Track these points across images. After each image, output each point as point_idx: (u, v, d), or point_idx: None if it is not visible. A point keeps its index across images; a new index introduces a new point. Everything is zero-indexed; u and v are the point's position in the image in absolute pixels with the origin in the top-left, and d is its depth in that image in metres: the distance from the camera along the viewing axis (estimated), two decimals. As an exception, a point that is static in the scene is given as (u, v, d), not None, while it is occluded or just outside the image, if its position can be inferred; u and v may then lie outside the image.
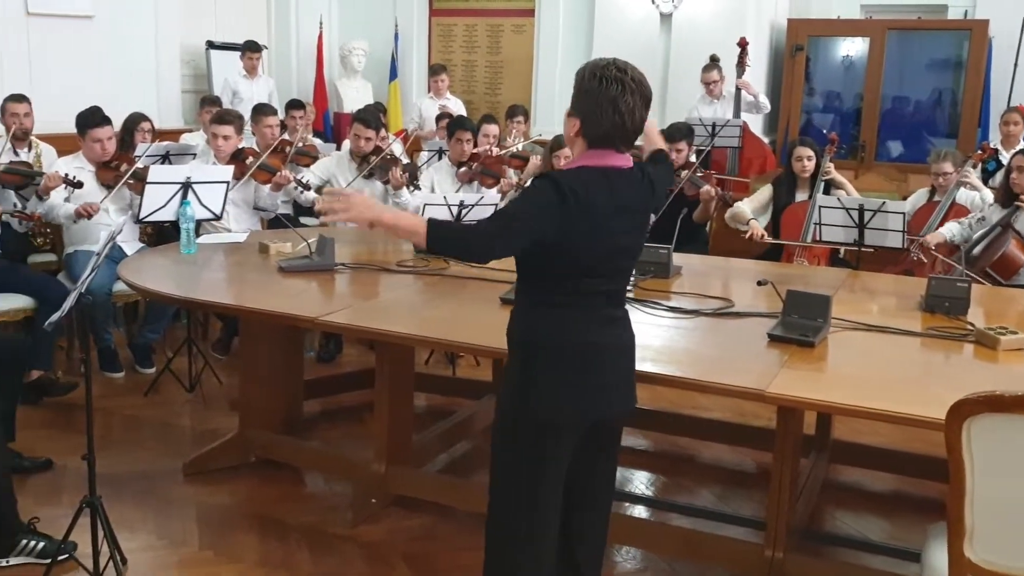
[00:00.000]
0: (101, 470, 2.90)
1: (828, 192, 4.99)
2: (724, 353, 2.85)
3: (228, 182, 4.70)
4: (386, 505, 3.45)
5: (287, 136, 5.84)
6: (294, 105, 6.77)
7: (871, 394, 2.43)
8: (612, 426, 2.37)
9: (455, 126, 5.62)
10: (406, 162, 5.59)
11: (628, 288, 2.38)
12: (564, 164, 2.40)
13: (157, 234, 5.32)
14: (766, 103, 7.02)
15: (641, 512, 3.57)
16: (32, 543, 2.97)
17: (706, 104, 7.06)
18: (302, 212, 5.76)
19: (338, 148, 6.35)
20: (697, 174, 5.39)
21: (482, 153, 5.64)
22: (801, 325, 2.88)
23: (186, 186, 4.49)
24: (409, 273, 3.76)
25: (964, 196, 5.00)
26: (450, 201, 4.59)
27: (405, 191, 5.15)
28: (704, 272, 4.01)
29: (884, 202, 4.51)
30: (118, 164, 4.81)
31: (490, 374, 4.51)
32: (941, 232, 4.68)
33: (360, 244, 4.24)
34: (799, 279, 3.77)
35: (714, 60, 6.99)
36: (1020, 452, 1.91)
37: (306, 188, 5.11)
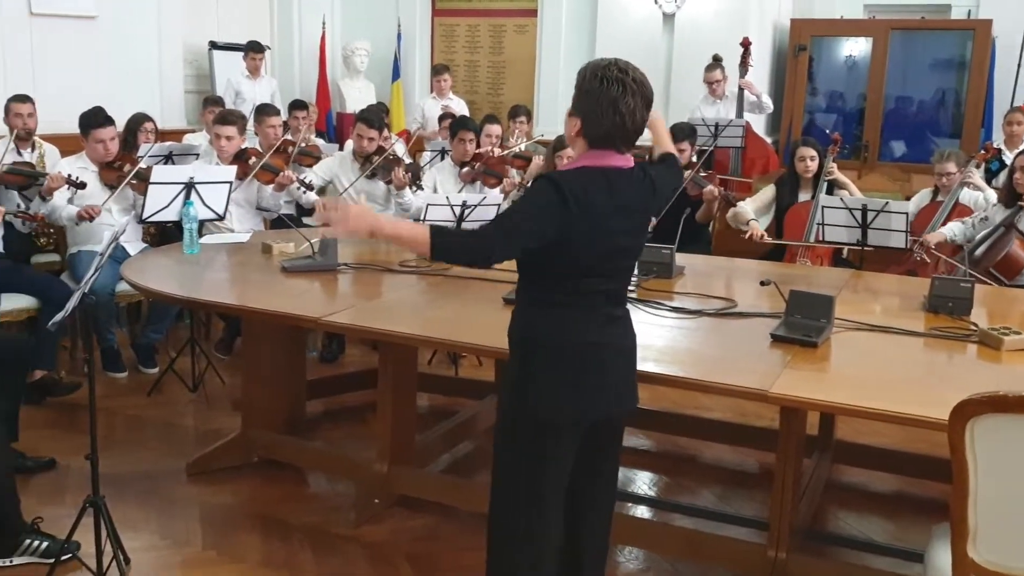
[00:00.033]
0: (104, 470, 2.90)
1: (831, 192, 4.98)
2: (727, 353, 2.85)
3: (231, 182, 4.71)
4: (389, 505, 3.45)
5: (290, 136, 5.84)
6: (297, 105, 6.79)
7: (874, 394, 2.42)
8: (613, 426, 2.37)
9: (458, 126, 5.62)
10: (409, 162, 5.59)
11: (631, 288, 2.38)
12: (565, 164, 2.40)
13: (160, 234, 5.31)
14: (769, 103, 7.01)
15: (644, 512, 3.57)
16: (35, 543, 2.98)
17: (709, 104, 7.05)
18: (305, 212, 5.76)
19: (341, 148, 6.35)
20: (700, 174, 5.39)
21: (485, 153, 5.64)
22: (804, 325, 2.87)
23: (189, 186, 4.50)
24: (412, 273, 3.76)
25: (967, 196, 4.99)
26: (453, 201, 4.59)
27: (408, 191, 5.15)
28: (707, 272, 4.01)
29: (887, 202, 4.50)
30: (121, 164, 4.81)
31: (493, 374, 4.51)
32: (941, 231, 4.67)
33: (363, 244, 4.24)
34: (802, 279, 3.76)
35: (717, 60, 6.98)
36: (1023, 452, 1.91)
37: (309, 188, 5.11)
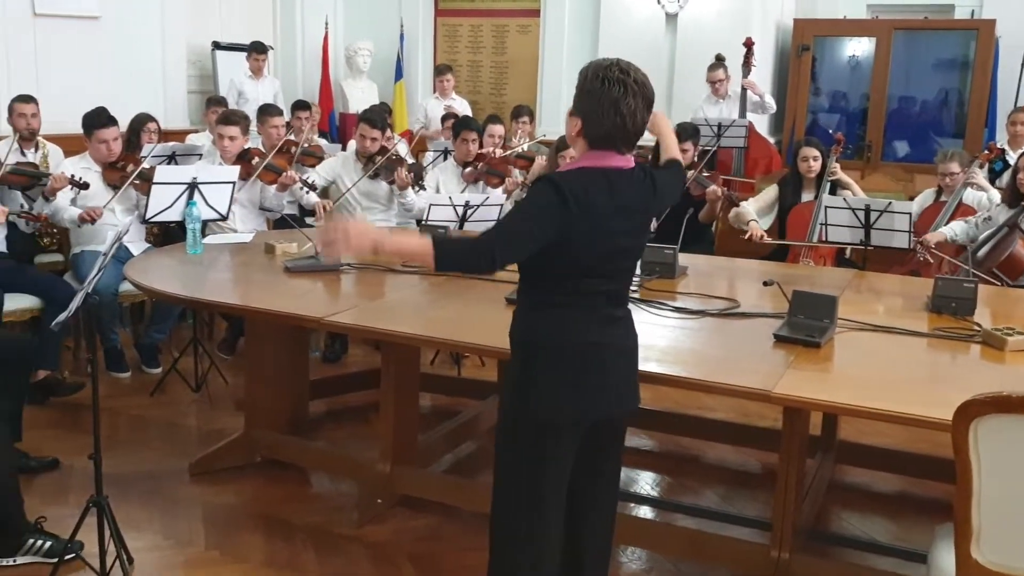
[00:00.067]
0: (107, 470, 2.91)
1: (834, 192, 4.98)
2: (730, 353, 2.84)
3: (234, 182, 4.71)
4: (392, 505, 3.45)
5: (293, 136, 5.85)
6: (300, 106, 6.80)
7: (877, 395, 2.42)
8: (614, 426, 2.37)
9: (460, 126, 5.63)
10: (411, 162, 5.59)
11: (634, 288, 2.38)
12: (566, 164, 2.40)
13: (163, 234, 5.32)
14: (772, 103, 7.00)
15: (646, 512, 3.57)
16: (39, 542, 2.98)
17: (712, 104, 7.05)
18: (307, 213, 5.77)
19: (343, 148, 6.36)
20: (703, 174, 5.38)
21: (487, 153, 5.64)
22: (807, 325, 2.87)
23: (192, 186, 4.50)
24: (414, 273, 3.75)
25: (971, 196, 4.98)
26: (455, 201, 4.60)
27: (410, 191, 5.16)
28: (710, 272, 4.00)
29: (890, 202, 4.49)
30: (124, 164, 4.82)
31: (495, 374, 4.50)
32: (942, 231, 4.66)
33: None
34: (805, 279, 3.76)
35: (720, 60, 6.97)
36: (1027, 453, 1.91)
37: (312, 188, 5.12)
